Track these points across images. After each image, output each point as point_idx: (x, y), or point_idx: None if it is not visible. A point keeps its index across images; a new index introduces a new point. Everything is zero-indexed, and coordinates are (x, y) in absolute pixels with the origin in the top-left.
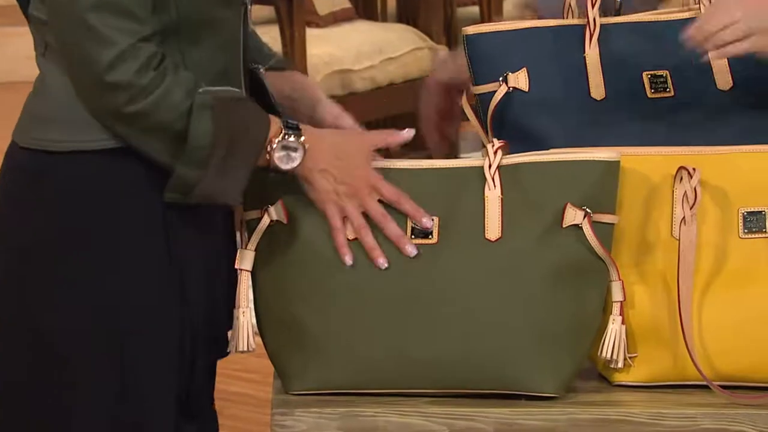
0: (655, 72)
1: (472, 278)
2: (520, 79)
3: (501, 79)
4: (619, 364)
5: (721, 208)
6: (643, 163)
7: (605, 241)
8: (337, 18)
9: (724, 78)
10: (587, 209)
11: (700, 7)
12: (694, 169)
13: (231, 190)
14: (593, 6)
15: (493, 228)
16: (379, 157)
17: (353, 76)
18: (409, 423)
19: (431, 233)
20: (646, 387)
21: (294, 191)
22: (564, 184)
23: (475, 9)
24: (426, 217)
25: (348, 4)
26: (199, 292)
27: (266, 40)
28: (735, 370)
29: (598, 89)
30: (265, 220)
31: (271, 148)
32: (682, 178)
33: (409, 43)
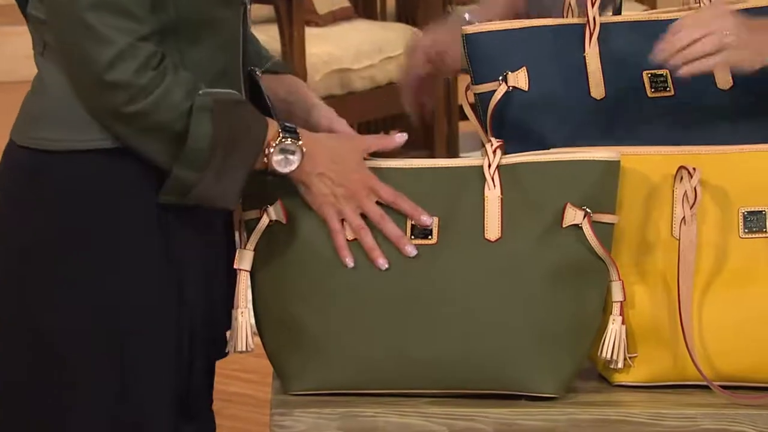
0: (656, 71)
1: (472, 278)
2: (519, 79)
3: (501, 78)
4: (619, 365)
5: (721, 208)
6: (643, 162)
7: (605, 241)
8: (336, 17)
9: (724, 77)
10: (587, 209)
11: (700, 6)
12: (695, 169)
13: (228, 194)
14: (593, 5)
15: (493, 228)
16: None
17: (352, 76)
18: (409, 423)
19: (431, 233)
20: (646, 387)
21: (293, 191)
22: (564, 183)
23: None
24: (425, 216)
25: (347, 3)
26: (198, 293)
27: (265, 39)
28: (735, 370)
29: (598, 88)
30: (264, 220)
31: (269, 152)
32: (682, 178)
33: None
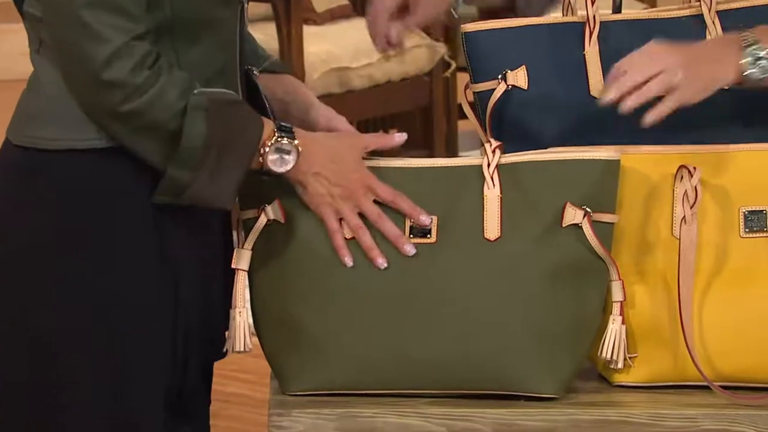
0: None
1: (472, 278)
2: (519, 77)
3: (500, 76)
4: (619, 365)
5: (721, 207)
6: (643, 162)
7: (605, 241)
8: (334, 15)
9: None
10: (587, 208)
11: (701, 5)
12: (695, 168)
13: (223, 194)
14: (592, 3)
15: (492, 227)
16: (373, 158)
17: (351, 74)
18: (408, 424)
19: (430, 233)
20: (646, 387)
21: (291, 190)
22: (563, 183)
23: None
24: (424, 215)
25: (345, 1)
26: (193, 292)
27: (263, 37)
28: (736, 370)
29: (597, 87)
30: (262, 220)
31: (265, 151)
32: (682, 177)
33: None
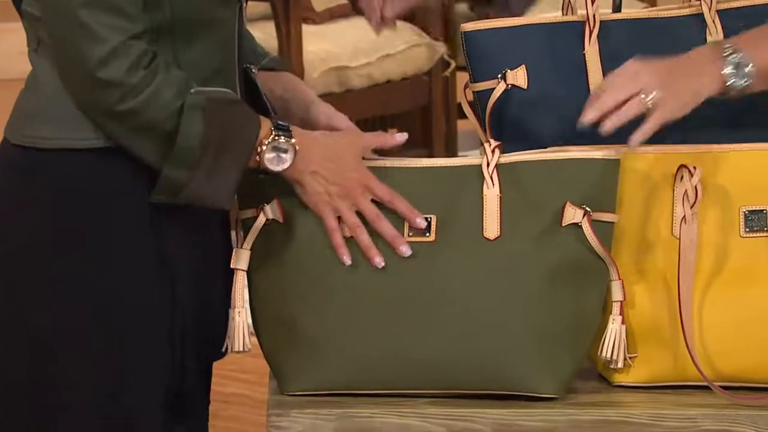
0: None
1: (471, 278)
2: (518, 77)
3: (499, 76)
4: (619, 365)
5: (721, 207)
6: (643, 161)
7: (605, 240)
8: (333, 14)
9: None
10: (587, 208)
11: (701, 4)
12: (695, 168)
13: (221, 193)
14: (592, 2)
15: (492, 227)
16: (374, 157)
17: (350, 73)
18: (407, 424)
19: (429, 231)
20: (646, 387)
21: (290, 190)
22: (563, 182)
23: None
24: (420, 218)
25: (344, 0)
26: (191, 292)
27: (262, 36)
28: (736, 370)
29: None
30: (261, 219)
31: (261, 150)
32: (682, 177)
33: (407, 39)
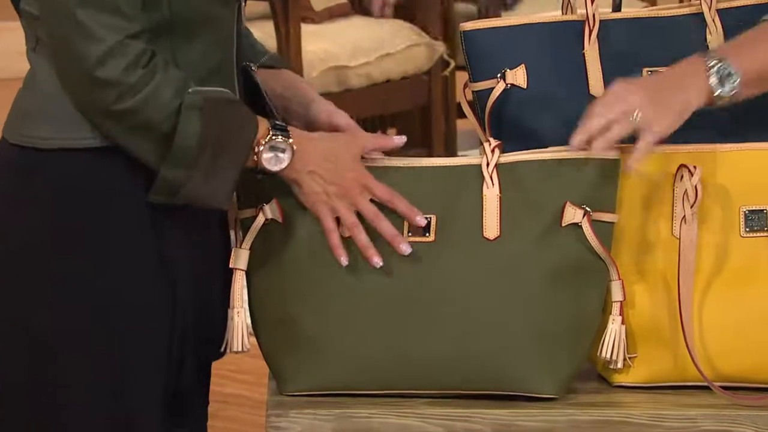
0: (655, 68)
1: (471, 278)
2: (518, 76)
3: (499, 75)
4: (619, 365)
5: (722, 207)
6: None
7: (605, 240)
8: (332, 13)
9: None
10: (587, 208)
11: (701, 3)
12: (695, 167)
13: (219, 193)
14: (592, 2)
15: (492, 227)
16: (375, 157)
17: (349, 73)
18: (406, 424)
19: (428, 230)
20: (646, 388)
21: (289, 189)
22: (563, 182)
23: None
24: (420, 216)
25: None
26: (190, 292)
27: (261, 35)
28: (736, 370)
29: (597, 86)
30: (260, 219)
31: (259, 150)
32: (682, 177)
33: (406, 39)
